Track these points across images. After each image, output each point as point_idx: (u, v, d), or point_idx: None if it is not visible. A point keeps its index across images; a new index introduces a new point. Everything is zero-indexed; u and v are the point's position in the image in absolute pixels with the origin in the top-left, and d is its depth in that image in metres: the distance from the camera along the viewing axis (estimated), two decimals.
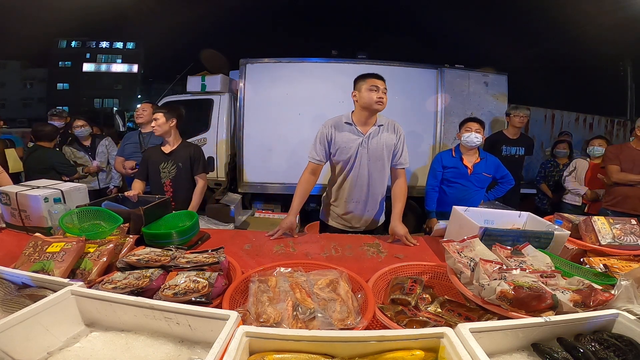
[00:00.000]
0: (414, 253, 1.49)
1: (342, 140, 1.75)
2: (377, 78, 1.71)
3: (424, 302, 0.98)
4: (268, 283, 0.99)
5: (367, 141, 1.75)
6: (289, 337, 0.66)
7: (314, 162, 1.79)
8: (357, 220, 1.89)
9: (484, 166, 2.31)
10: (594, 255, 1.29)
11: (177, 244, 1.39)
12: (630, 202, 2.63)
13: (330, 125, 1.78)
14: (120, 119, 4.96)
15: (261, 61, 3.95)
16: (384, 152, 1.77)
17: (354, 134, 1.76)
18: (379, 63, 3.91)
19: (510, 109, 3.26)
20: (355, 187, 1.81)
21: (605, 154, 2.87)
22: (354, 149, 1.75)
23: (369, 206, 1.86)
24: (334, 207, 1.90)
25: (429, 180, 2.44)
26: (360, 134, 1.76)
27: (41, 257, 1.06)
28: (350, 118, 1.78)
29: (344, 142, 1.75)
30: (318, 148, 1.78)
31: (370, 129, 1.76)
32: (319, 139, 1.78)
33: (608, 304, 0.82)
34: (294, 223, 1.70)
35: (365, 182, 1.80)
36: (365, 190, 1.81)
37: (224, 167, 4.17)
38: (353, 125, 1.76)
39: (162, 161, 2.14)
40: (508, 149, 3.18)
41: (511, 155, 3.17)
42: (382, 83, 1.71)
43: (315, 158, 1.78)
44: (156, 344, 0.74)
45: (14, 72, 30.29)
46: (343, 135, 1.76)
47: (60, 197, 1.61)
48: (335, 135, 1.76)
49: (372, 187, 1.82)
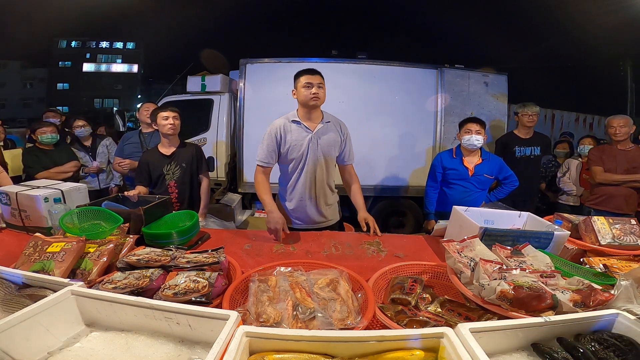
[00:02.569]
0: (414, 252, 1.49)
1: (292, 138, 1.76)
2: (310, 74, 1.72)
3: (424, 302, 0.98)
4: (268, 283, 0.99)
5: (317, 137, 1.77)
6: (289, 337, 0.66)
7: (265, 165, 1.78)
8: (312, 218, 1.89)
9: (485, 167, 2.25)
10: (594, 255, 1.29)
11: (177, 244, 1.39)
12: (614, 201, 2.68)
13: (278, 125, 1.77)
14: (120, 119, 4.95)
15: (261, 61, 3.95)
16: (332, 148, 1.82)
17: (303, 130, 1.77)
18: (379, 63, 3.90)
19: (518, 108, 3.10)
20: (311, 184, 1.82)
21: (589, 156, 2.90)
22: (305, 146, 1.76)
23: (322, 202, 1.88)
24: (288, 206, 1.89)
25: (429, 181, 2.42)
26: (309, 130, 1.77)
27: (41, 257, 1.07)
28: (297, 116, 1.80)
29: (295, 140, 1.76)
30: (268, 151, 1.76)
31: (318, 125, 1.79)
32: (266, 140, 1.77)
33: (608, 304, 0.82)
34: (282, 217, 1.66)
35: (320, 178, 1.82)
36: (318, 185, 1.84)
37: (224, 167, 4.17)
38: (300, 123, 1.78)
39: (164, 163, 2.13)
40: (522, 149, 3.02)
41: (526, 156, 3.01)
42: (317, 78, 1.72)
43: (264, 161, 1.77)
44: (156, 344, 0.74)
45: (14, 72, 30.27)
46: (292, 133, 1.76)
47: (61, 197, 1.62)
48: (284, 134, 1.76)
49: (324, 183, 1.85)
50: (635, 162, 2.63)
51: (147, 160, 2.15)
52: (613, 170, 2.68)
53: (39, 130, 2.78)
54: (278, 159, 1.82)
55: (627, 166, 2.64)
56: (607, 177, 2.68)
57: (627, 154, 2.67)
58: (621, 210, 2.63)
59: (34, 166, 2.70)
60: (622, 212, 2.61)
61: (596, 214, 1.81)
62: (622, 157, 2.67)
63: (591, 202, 2.84)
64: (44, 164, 2.73)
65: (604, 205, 2.72)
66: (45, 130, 2.79)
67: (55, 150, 2.85)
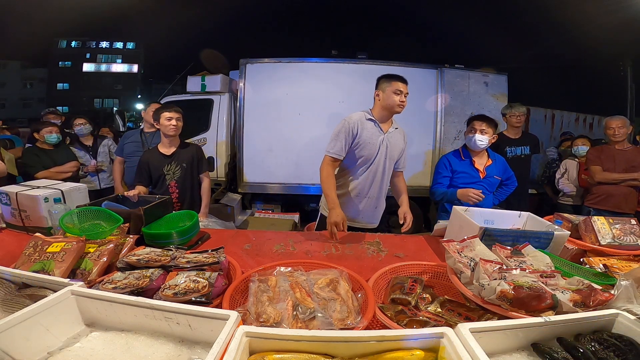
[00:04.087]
0: (414, 252, 1.49)
1: (367, 135, 1.77)
2: (401, 82, 1.74)
3: (424, 302, 0.98)
4: (268, 283, 0.99)
5: (388, 140, 1.81)
6: (289, 337, 0.66)
7: (335, 156, 1.76)
8: (364, 217, 1.91)
9: (494, 168, 2.13)
10: (594, 255, 1.29)
11: (177, 244, 1.39)
12: (613, 200, 2.71)
13: (355, 120, 1.77)
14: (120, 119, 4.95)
15: (261, 61, 3.95)
16: (397, 153, 1.87)
17: (377, 130, 1.79)
18: (379, 63, 3.91)
19: (505, 109, 3.13)
20: (372, 184, 1.84)
21: (587, 156, 2.95)
22: (377, 145, 1.79)
23: (377, 203, 1.91)
24: (342, 202, 1.85)
25: (435, 187, 2.18)
26: (382, 131, 1.80)
27: (41, 257, 1.06)
28: (372, 115, 1.81)
29: (368, 138, 1.77)
30: (341, 143, 1.75)
31: (390, 128, 1.84)
32: (343, 134, 1.75)
33: (608, 304, 0.82)
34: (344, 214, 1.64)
35: (380, 179, 1.85)
36: (378, 186, 1.86)
37: (224, 167, 4.17)
38: (376, 122, 1.80)
39: (164, 163, 2.13)
40: (512, 149, 3.05)
41: (517, 156, 3.04)
42: (405, 87, 1.75)
43: (337, 154, 1.76)
44: (156, 344, 0.74)
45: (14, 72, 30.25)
46: (367, 130, 1.77)
47: (61, 197, 1.61)
48: (360, 130, 1.76)
49: (384, 185, 1.88)
50: (634, 162, 2.67)
51: (147, 159, 2.14)
52: (612, 170, 2.71)
53: (45, 129, 2.80)
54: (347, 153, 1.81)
55: (626, 166, 2.67)
56: (606, 176, 2.72)
57: (625, 153, 2.71)
58: (621, 209, 2.65)
59: (35, 165, 2.70)
60: (621, 211, 2.63)
61: (596, 214, 1.82)
62: (620, 157, 2.71)
63: (590, 201, 2.86)
64: (44, 163, 2.73)
65: (603, 204, 2.74)
66: (52, 130, 2.82)
67: (55, 150, 2.86)
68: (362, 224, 1.92)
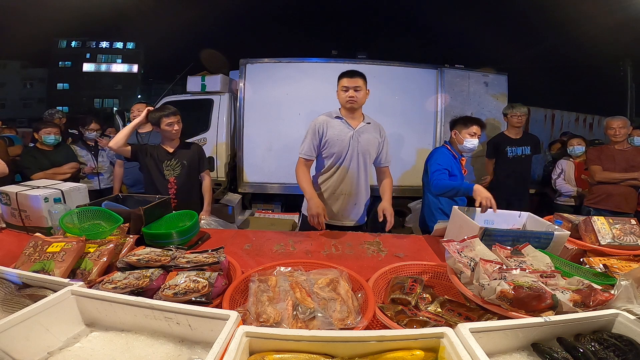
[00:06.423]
0: (414, 252, 1.49)
1: (333, 133, 1.82)
2: (347, 76, 1.77)
3: (424, 302, 0.98)
4: (268, 283, 0.99)
5: (358, 135, 1.84)
6: (289, 337, 0.66)
7: (306, 157, 1.85)
8: (342, 214, 1.93)
9: None
10: (594, 255, 1.29)
11: (177, 244, 1.39)
12: (613, 199, 2.72)
13: (320, 121, 1.84)
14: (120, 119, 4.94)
15: (261, 61, 3.95)
16: (371, 148, 1.87)
17: (345, 127, 1.83)
18: (379, 63, 3.90)
19: (506, 109, 3.17)
20: (345, 180, 1.87)
21: (587, 156, 2.96)
22: (346, 142, 1.82)
23: (356, 200, 1.92)
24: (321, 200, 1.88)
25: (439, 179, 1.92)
26: (351, 127, 1.84)
27: (41, 257, 1.06)
28: (340, 113, 1.86)
29: (336, 135, 1.82)
30: (309, 144, 1.83)
31: (360, 124, 1.86)
32: (310, 135, 1.84)
33: (608, 304, 0.82)
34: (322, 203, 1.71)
35: (355, 175, 1.87)
36: (352, 183, 1.88)
37: (224, 167, 4.17)
38: (343, 119, 1.84)
39: (165, 159, 2.15)
40: (513, 150, 3.08)
41: (518, 156, 3.07)
42: (354, 81, 1.75)
43: (307, 154, 1.84)
44: (156, 344, 0.74)
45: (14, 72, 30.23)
46: (333, 128, 1.83)
47: (60, 197, 1.61)
48: (325, 129, 1.82)
49: (360, 181, 1.89)
50: (633, 162, 2.68)
51: (149, 150, 2.15)
52: (611, 170, 2.72)
53: (44, 130, 2.78)
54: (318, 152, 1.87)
55: (625, 165, 2.69)
56: (606, 176, 2.73)
57: (624, 153, 2.72)
58: (620, 209, 2.66)
59: (31, 167, 2.69)
60: (621, 210, 2.64)
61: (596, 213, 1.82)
62: (620, 157, 2.72)
63: (590, 201, 2.86)
64: (41, 164, 2.72)
65: (603, 204, 2.75)
66: (50, 131, 2.80)
67: (54, 151, 2.85)
68: (341, 221, 1.93)
